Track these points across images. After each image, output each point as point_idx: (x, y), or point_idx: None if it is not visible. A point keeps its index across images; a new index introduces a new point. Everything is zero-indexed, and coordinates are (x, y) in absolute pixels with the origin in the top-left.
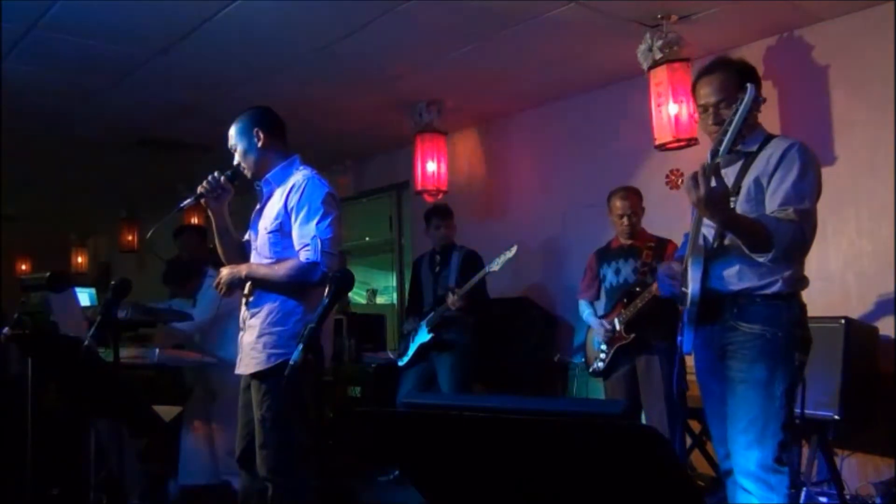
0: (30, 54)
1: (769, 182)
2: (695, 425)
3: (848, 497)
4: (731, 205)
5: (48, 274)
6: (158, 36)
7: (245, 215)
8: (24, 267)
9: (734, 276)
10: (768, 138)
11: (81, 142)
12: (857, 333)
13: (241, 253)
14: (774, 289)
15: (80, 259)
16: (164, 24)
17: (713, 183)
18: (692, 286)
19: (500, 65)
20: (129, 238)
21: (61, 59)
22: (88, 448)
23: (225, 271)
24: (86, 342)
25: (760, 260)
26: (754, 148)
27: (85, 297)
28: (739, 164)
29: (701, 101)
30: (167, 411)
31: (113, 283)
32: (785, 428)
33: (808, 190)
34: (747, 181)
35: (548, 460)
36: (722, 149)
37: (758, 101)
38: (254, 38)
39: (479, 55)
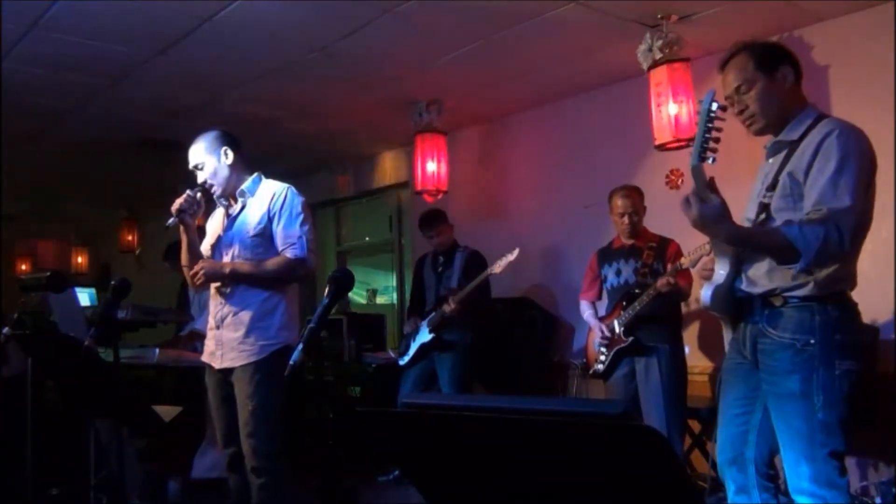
0: (30, 54)
1: (805, 177)
2: (695, 425)
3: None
4: (767, 200)
5: (48, 274)
6: (158, 36)
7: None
8: (24, 267)
9: (763, 276)
10: (815, 123)
11: (81, 142)
12: None
13: None
14: (805, 291)
15: (80, 259)
16: (164, 24)
17: (712, 200)
18: (704, 290)
19: (500, 65)
20: (129, 238)
21: (61, 59)
22: (88, 448)
23: (206, 264)
24: (86, 342)
25: (792, 270)
26: (797, 136)
27: (85, 297)
28: (783, 154)
29: (725, 92)
30: (167, 411)
31: (113, 283)
32: (836, 439)
33: (847, 184)
34: (783, 175)
35: (548, 460)
36: (692, 161)
37: (713, 108)
38: (254, 38)
39: (479, 55)
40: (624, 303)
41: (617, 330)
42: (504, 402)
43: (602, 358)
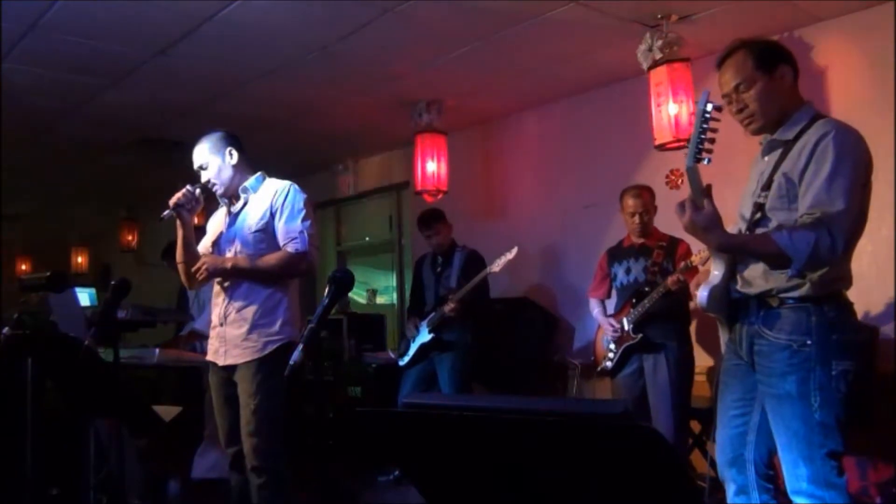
0: (30, 54)
1: (801, 178)
2: (695, 425)
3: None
4: (762, 200)
5: (48, 274)
6: (158, 36)
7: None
8: (24, 267)
9: (759, 277)
10: (811, 122)
11: (81, 142)
12: None
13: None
14: (802, 291)
15: (80, 259)
16: (163, 25)
17: (705, 207)
18: (701, 292)
19: (500, 65)
20: (129, 238)
21: (61, 59)
22: (88, 448)
23: (208, 259)
24: (86, 342)
25: (785, 274)
26: (792, 135)
27: (85, 297)
28: (778, 153)
29: (723, 90)
30: (167, 411)
31: (113, 283)
32: (833, 439)
33: (841, 187)
34: (778, 175)
35: (548, 460)
36: (687, 162)
37: (708, 109)
38: (254, 38)
39: (479, 55)
40: (633, 300)
41: (626, 327)
42: (504, 402)
43: (611, 355)
